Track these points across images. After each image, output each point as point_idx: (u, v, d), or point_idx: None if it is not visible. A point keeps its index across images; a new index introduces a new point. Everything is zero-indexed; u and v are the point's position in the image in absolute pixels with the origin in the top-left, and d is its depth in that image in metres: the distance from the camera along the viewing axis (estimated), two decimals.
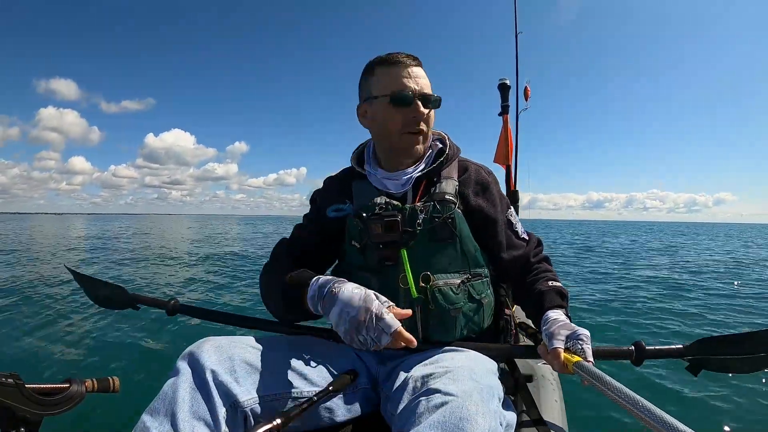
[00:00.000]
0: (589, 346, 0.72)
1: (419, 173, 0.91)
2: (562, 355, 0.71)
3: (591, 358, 0.70)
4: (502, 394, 0.67)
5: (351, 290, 0.68)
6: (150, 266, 8.69)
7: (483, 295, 0.88)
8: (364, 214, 0.86)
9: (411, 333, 0.67)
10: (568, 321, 0.79)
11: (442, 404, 0.54)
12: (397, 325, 0.64)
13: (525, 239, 0.98)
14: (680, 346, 0.78)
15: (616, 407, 0.74)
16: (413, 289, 0.81)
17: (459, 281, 0.85)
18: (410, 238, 0.84)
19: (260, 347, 0.75)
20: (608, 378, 0.58)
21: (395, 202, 0.87)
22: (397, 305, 0.78)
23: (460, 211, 0.88)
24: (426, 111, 0.87)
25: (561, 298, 0.86)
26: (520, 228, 0.98)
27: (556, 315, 0.81)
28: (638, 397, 0.51)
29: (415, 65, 0.88)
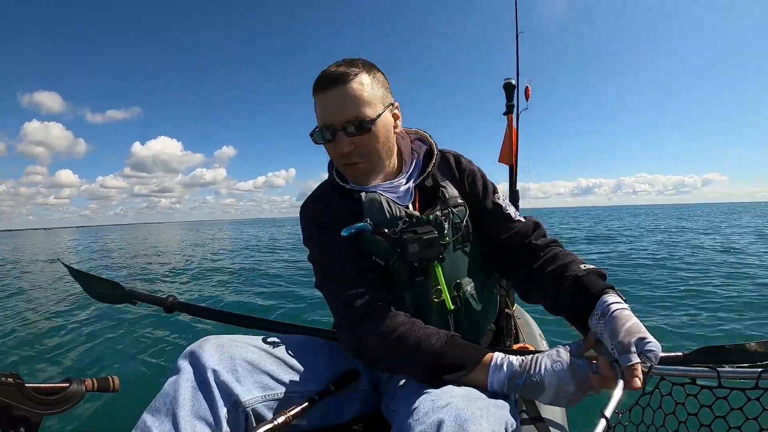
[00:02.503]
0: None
1: (415, 183, 0.85)
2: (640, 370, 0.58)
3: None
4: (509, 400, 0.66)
5: (553, 369, 0.61)
6: (146, 270, 8.69)
7: (495, 289, 0.92)
8: (386, 230, 0.78)
9: None
10: (630, 314, 0.63)
11: (447, 405, 0.54)
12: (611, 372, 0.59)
13: (520, 221, 0.89)
14: (680, 354, 0.80)
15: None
16: (449, 302, 0.79)
17: (481, 281, 0.87)
18: (442, 250, 0.80)
19: (261, 347, 0.75)
20: None
21: (417, 214, 0.81)
22: (431, 318, 0.80)
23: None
24: (351, 142, 0.76)
25: (604, 279, 0.72)
26: (512, 211, 0.91)
27: (617, 307, 0.64)
28: None
29: (339, 86, 0.74)
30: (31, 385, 0.51)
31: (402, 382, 0.74)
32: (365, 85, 0.76)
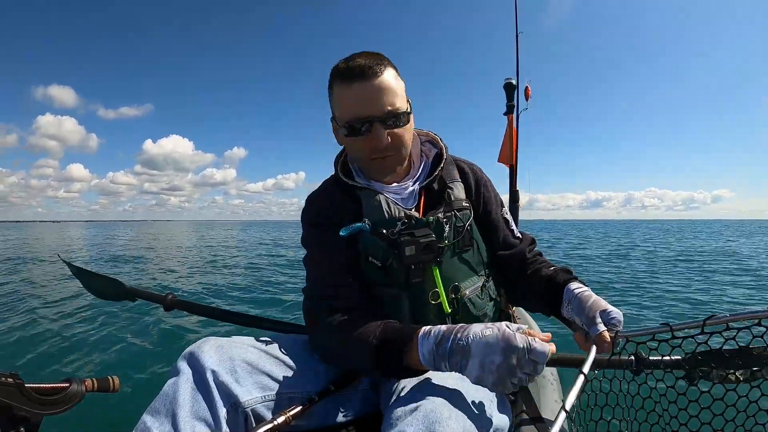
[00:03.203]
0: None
1: (420, 185, 0.85)
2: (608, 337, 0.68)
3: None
4: (492, 398, 0.66)
5: (482, 333, 0.56)
6: (147, 267, 8.68)
7: (496, 294, 0.91)
8: (384, 230, 0.77)
9: None
10: (593, 296, 0.74)
11: (417, 408, 0.55)
12: (549, 347, 0.55)
13: (519, 238, 0.95)
14: (678, 357, 0.80)
15: (616, 407, 0.74)
16: (446, 305, 0.79)
17: (481, 285, 0.86)
18: (440, 253, 0.79)
19: (261, 347, 0.75)
20: None
21: (416, 215, 0.81)
22: (428, 320, 0.79)
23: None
24: (389, 134, 0.76)
25: (569, 274, 0.84)
26: (515, 227, 0.96)
27: (580, 290, 0.75)
28: None
29: (373, 77, 0.73)
30: (31, 385, 0.51)
31: (392, 386, 0.74)
32: (393, 77, 0.76)
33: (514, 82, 2.08)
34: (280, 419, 0.65)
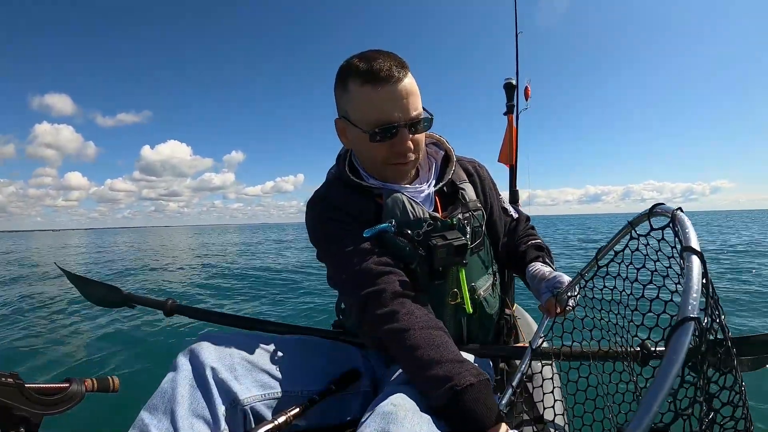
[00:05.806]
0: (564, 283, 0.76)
1: (435, 188, 0.84)
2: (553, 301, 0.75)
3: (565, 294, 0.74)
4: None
5: None
6: (147, 273, 8.67)
7: (500, 290, 0.94)
8: (409, 231, 0.75)
9: (456, 342, 0.67)
10: (543, 270, 0.82)
11: (381, 410, 0.55)
12: None
13: (516, 218, 1.01)
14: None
15: (617, 408, 0.74)
16: (469, 306, 0.78)
17: (491, 284, 0.88)
18: (465, 255, 0.78)
19: (261, 346, 0.75)
20: None
21: (440, 217, 0.79)
22: (445, 320, 0.78)
23: None
24: (414, 138, 0.75)
25: (538, 251, 0.91)
26: (511, 210, 1.00)
27: (534, 268, 0.84)
28: None
29: (401, 80, 0.69)
30: (31, 385, 0.51)
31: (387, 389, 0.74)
32: (413, 80, 0.74)
33: (513, 82, 2.07)
34: (281, 419, 0.65)
